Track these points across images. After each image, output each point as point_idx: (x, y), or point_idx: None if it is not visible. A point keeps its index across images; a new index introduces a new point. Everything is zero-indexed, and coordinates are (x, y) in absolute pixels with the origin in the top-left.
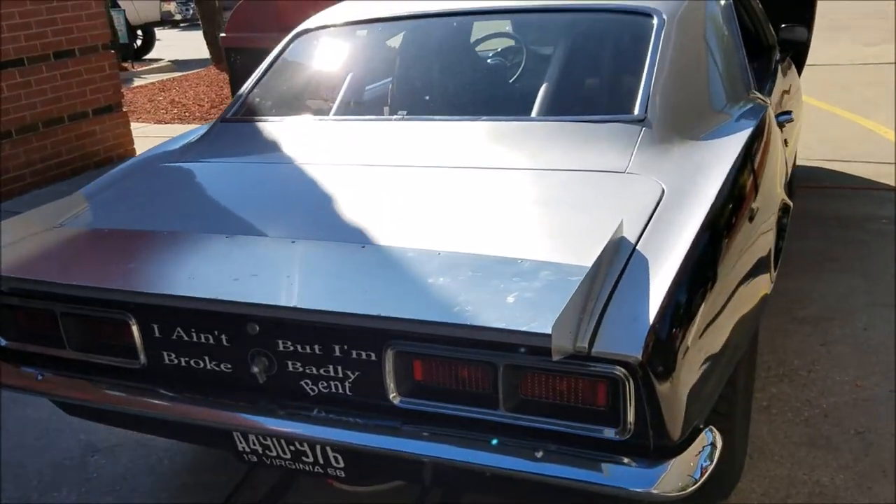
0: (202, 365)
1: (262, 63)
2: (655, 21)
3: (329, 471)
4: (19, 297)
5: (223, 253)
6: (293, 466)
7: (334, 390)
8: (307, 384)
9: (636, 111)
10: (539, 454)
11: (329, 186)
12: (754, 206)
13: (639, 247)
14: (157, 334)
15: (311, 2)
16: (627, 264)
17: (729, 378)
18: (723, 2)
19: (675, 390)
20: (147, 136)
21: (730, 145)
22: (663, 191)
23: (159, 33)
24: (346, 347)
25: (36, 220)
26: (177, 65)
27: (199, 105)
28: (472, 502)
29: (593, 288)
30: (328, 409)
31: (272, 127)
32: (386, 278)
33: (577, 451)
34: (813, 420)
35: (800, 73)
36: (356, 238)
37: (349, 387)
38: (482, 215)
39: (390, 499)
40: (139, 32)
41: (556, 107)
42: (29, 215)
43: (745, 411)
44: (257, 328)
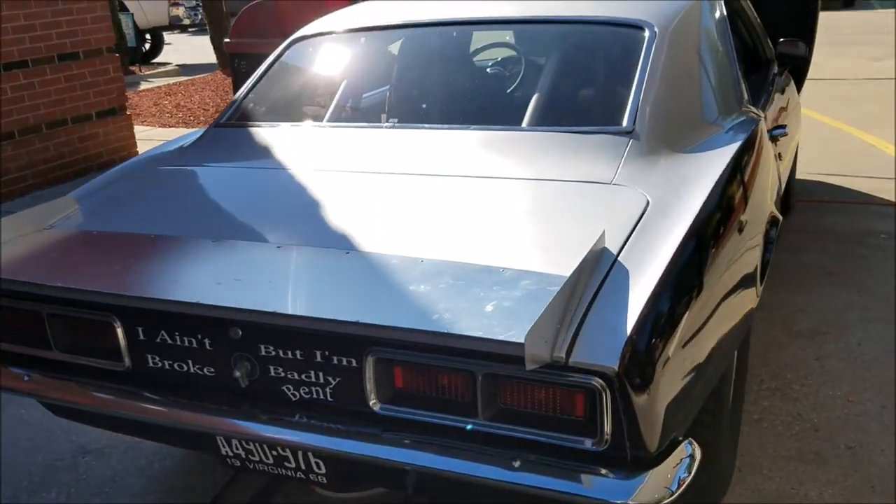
0: (186, 368)
1: (258, 69)
2: (647, 34)
3: (311, 476)
4: (7, 298)
5: (208, 257)
6: (276, 472)
7: (315, 396)
8: (289, 389)
9: (625, 123)
10: (517, 463)
11: (317, 192)
12: (741, 218)
13: (620, 258)
14: (142, 337)
15: (314, 8)
16: (608, 275)
17: (714, 391)
18: (717, 15)
19: (653, 402)
20: (151, 140)
21: (717, 158)
22: (648, 202)
23: (169, 37)
24: (327, 353)
25: (26, 221)
26: (184, 69)
27: (203, 109)
28: None
29: (572, 298)
30: (310, 415)
31: (265, 133)
32: (368, 285)
33: (554, 462)
34: (803, 434)
35: (801, 87)
36: (341, 244)
37: (330, 393)
38: (467, 223)
39: None
40: (147, 36)
41: (547, 117)
42: (19, 217)
43: (733, 424)
44: (240, 333)
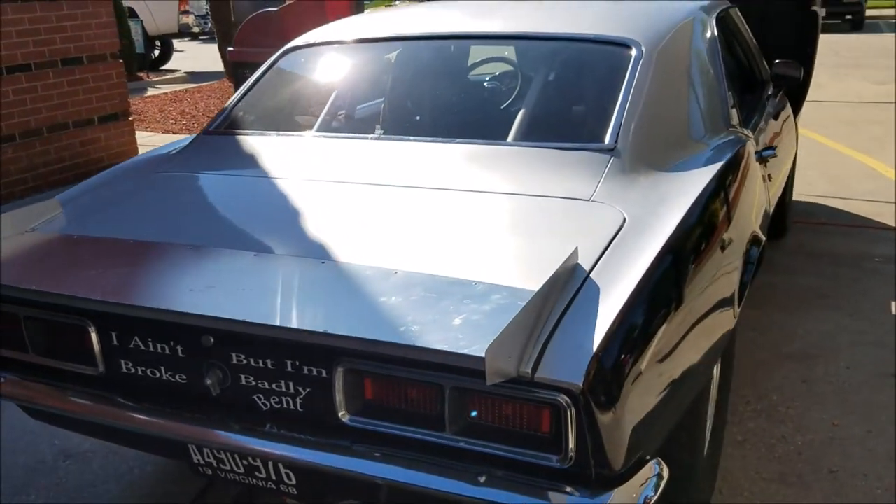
0: (158, 375)
1: (250, 78)
2: (634, 52)
3: (282, 487)
4: None
5: (185, 263)
6: (247, 481)
7: (286, 406)
8: (259, 398)
9: (607, 140)
10: (482, 479)
11: (298, 202)
12: (719, 237)
13: (593, 274)
14: (115, 342)
15: (317, 19)
16: (579, 291)
17: (690, 411)
18: (708, 35)
19: (619, 420)
20: (153, 145)
21: (698, 177)
22: (625, 219)
23: (181, 45)
24: (297, 363)
25: (8, 223)
26: (192, 76)
27: (208, 117)
28: None
29: (541, 313)
30: (280, 425)
31: (252, 141)
32: (340, 295)
33: (520, 478)
34: (787, 457)
35: (799, 109)
36: (318, 254)
37: (300, 403)
38: (444, 236)
39: None
40: (157, 43)
41: (532, 133)
42: (1, 219)
43: (714, 445)
44: (212, 340)
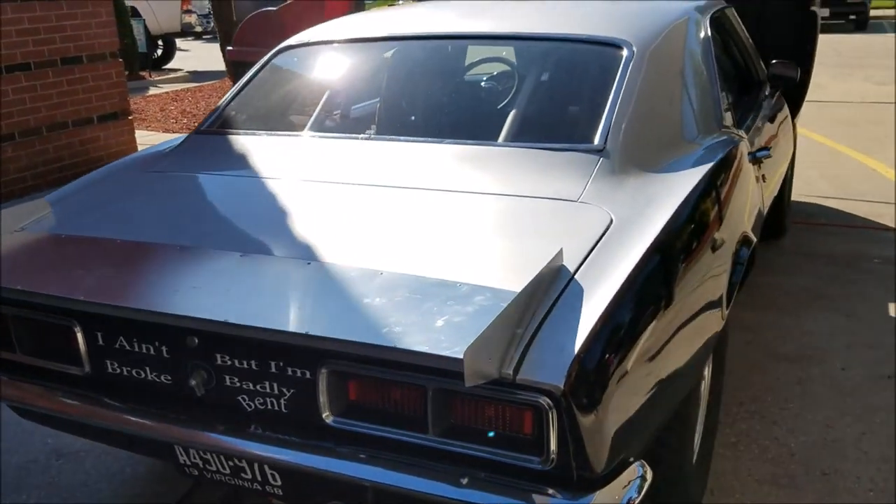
0: (143, 375)
1: (243, 77)
2: (625, 53)
3: (267, 489)
4: None
5: (170, 264)
6: (233, 482)
7: (270, 407)
8: (244, 399)
9: (596, 141)
10: (464, 481)
11: (287, 202)
12: (706, 238)
13: (577, 276)
14: (101, 343)
15: (316, 18)
16: (563, 292)
17: (678, 413)
18: (701, 35)
19: (600, 422)
20: (153, 144)
21: (687, 178)
22: (612, 220)
23: (185, 44)
24: (281, 364)
25: None
26: (195, 76)
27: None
28: None
29: (524, 314)
30: (265, 426)
31: (244, 141)
32: (324, 296)
33: (502, 479)
34: (780, 459)
35: (798, 109)
36: (304, 254)
37: (285, 404)
38: (430, 237)
39: None
40: (159, 42)
41: (522, 133)
42: None
43: (705, 447)
44: (196, 341)
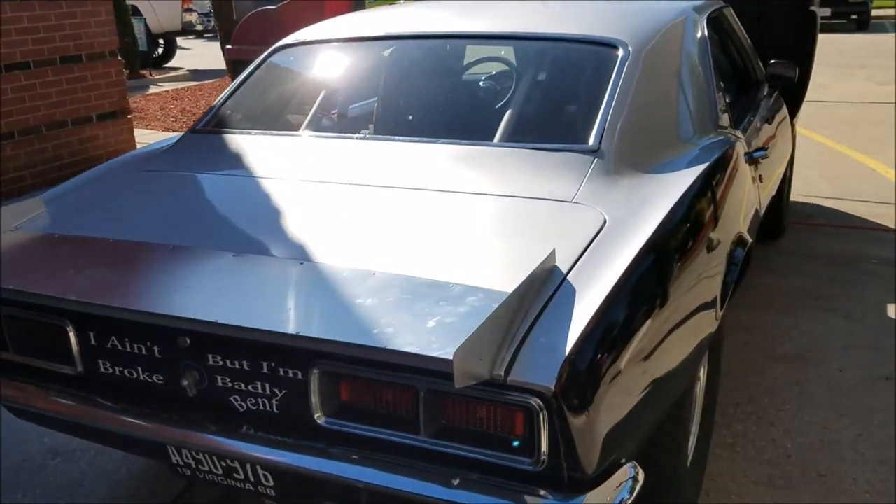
0: (135, 375)
1: (239, 76)
2: (620, 53)
3: (260, 489)
4: None
5: (163, 264)
6: (226, 483)
7: (262, 407)
8: (236, 400)
9: (591, 142)
10: (456, 482)
11: (280, 202)
12: (700, 238)
13: (570, 276)
14: (93, 343)
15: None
16: (555, 293)
17: (671, 415)
18: (698, 35)
19: (591, 423)
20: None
21: (681, 178)
22: (605, 221)
23: (187, 43)
24: (273, 365)
25: None
26: (196, 74)
27: None
28: None
29: (516, 315)
30: (256, 426)
31: (239, 140)
32: (317, 297)
33: (494, 481)
34: (776, 460)
35: (797, 110)
36: (297, 254)
37: (276, 405)
38: (424, 237)
39: None
40: (160, 41)
41: (518, 134)
42: None
43: (700, 448)
44: (188, 341)
